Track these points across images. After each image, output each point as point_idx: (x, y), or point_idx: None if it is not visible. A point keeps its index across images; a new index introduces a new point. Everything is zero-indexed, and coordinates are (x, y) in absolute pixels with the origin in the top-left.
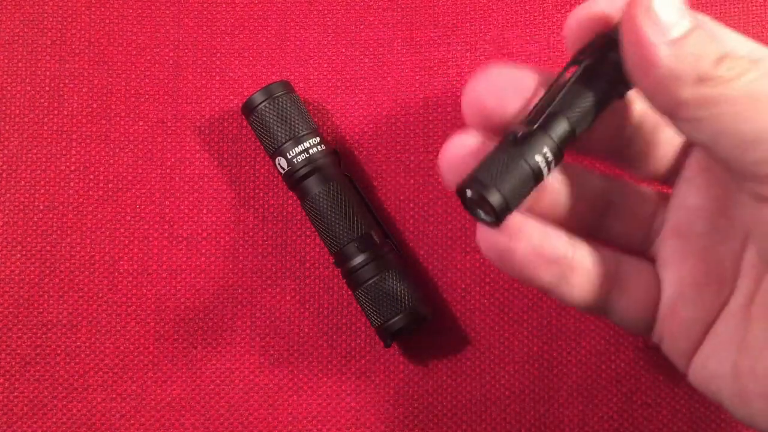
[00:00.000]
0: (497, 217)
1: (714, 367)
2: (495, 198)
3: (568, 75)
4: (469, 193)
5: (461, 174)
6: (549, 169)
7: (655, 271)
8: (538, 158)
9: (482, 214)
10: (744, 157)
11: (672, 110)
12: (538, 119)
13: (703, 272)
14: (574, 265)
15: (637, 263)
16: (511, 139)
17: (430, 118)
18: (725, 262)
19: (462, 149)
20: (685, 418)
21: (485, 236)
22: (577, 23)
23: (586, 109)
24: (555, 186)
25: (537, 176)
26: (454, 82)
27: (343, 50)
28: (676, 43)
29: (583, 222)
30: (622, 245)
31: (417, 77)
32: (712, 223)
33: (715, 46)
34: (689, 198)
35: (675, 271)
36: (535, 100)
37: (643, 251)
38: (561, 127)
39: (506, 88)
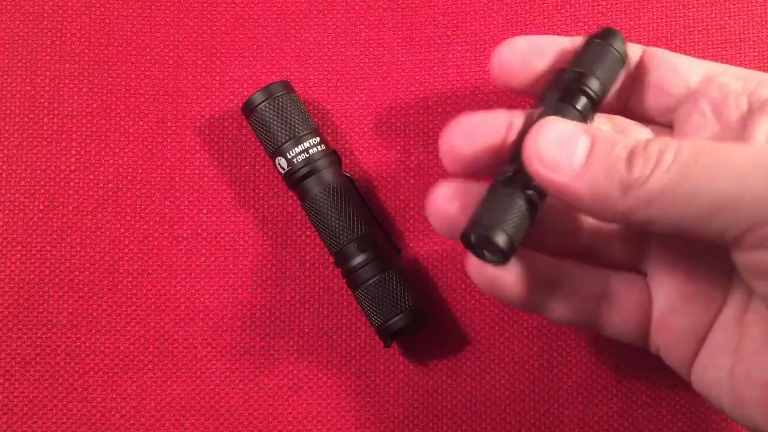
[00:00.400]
0: (505, 256)
1: (711, 374)
2: (501, 238)
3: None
4: (473, 238)
5: (449, 221)
6: (542, 199)
7: (646, 285)
8: (530, 192)
9: (488, 255)
10: (709, 231)
11: (623, 222)
12: (521, 155)
13: (694, 283)
14: (559, 289)
15: (627, 279)
16: (502, 180)
17: (430, 118)
18: (716, 271)
19: (447, 197)
20: (685, 418)
21: (475, 267)
22: (499, 65)
23: None
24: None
25: (533, 209)
26: (454, 82)
27: (343, 50)
28: (585, 173)
29: (571, 246)
30: (613, 261)
31: (417, 77)
32: None
33: (620, 148)
34: None
35: (665, 283)
36: (513, 138)
37: (635, 266)
38: None
39: (478, 134)
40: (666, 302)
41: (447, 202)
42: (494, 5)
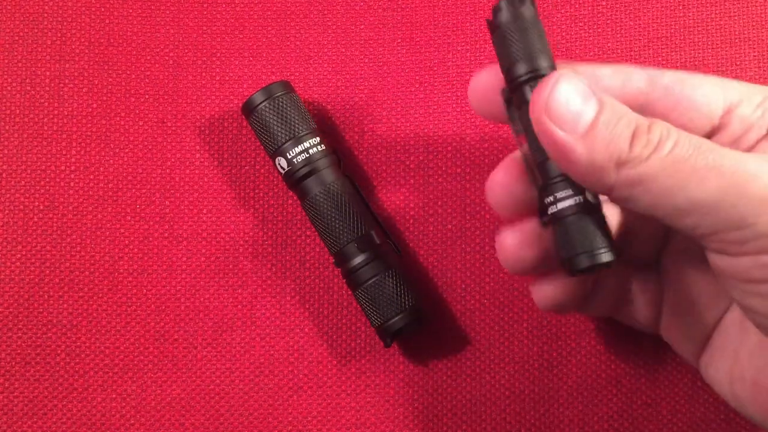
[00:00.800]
0: (612, 264)
1: (713, 373)
2: (607, 256)
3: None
4: (583, 269)
5: (524, 264)
6: (597, 197)
7: (660, 282)
8: (589, 196)
9: (596, 270)
10: (679, 223)
11: (604, 192)
12: (554, 176)
13: (703, 285)
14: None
15: (644, 275)
16: (565, 210)
17: (430, 118)
18: None
19: (517, 244)
20: (685, 418)
21: (540, 295)
22: (473, 102)
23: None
24: None
25: (601, 211)
26: (454, 82)
27: (344, 50)
28: (587, 136)
29: None
30: (634, 257)
31: (417, 77)
32: None
33: (625, 123)
34: None
35: (675, 283)
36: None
37: (653, 263)
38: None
39: (517, 179)
40: (675, 301)
41: (519, 249)
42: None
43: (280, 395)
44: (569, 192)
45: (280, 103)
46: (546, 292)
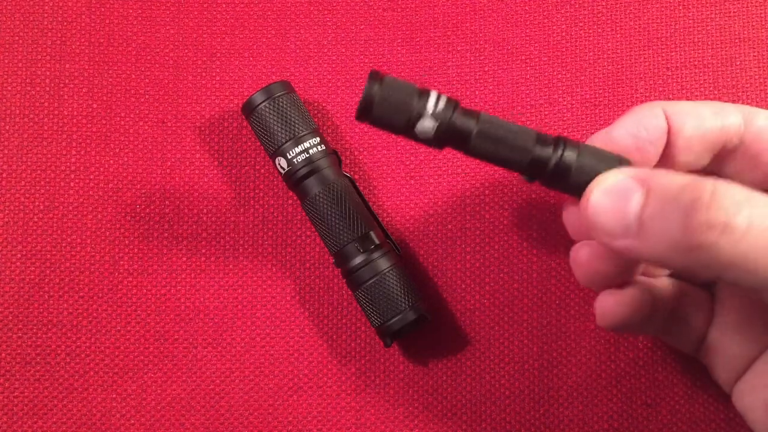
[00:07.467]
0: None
1: (749, 401)
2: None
3: None
4: None
5: (598, 276)
6: None
7: (711, 305)
8: None
9: None
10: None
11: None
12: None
13: (750, 312)
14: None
15: (695, 295)
16: None
17: None
18: None
19: (588, 253)
20: (685, 418)
21: (603, 312)
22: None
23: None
24: None
25: None
26: (454, 83)
27: (344, 50)
28: (640, 235)
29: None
30: (689, 278)
31: (417, 77)
32: None
33: (673, 207)
34: None
35: (725, 308)
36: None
37: (707, 286)
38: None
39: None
40: (723, 324)
41: (594, 261)
42: (494, 5)
43: (280, 395)
44: None
45: (280, 103)
46: (611, 307)
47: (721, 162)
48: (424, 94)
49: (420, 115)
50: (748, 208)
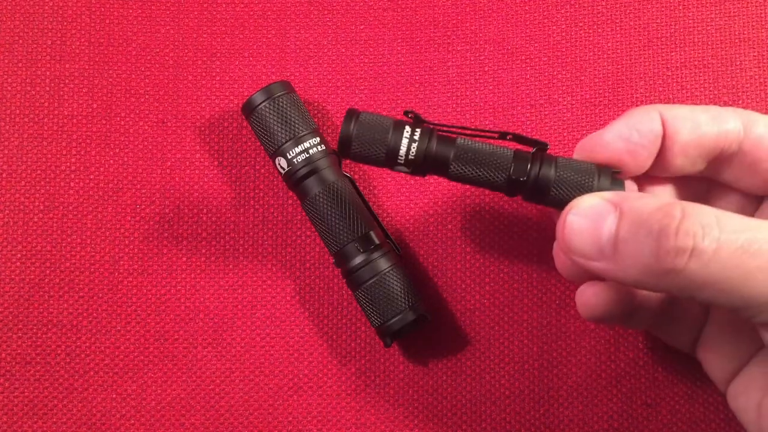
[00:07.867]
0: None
1: (742, 402)
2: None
3: None
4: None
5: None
6: None
7: (705, 306)
8: None
9: None
10: (740, 314)
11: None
12: None
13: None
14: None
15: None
16: None
17: (430, 118)
18: None
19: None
20: (685, 418)
21: (584, 303)
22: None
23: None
24: None
25: None
26: (454, 82)
27: (343, 50)
28: (614, 258)
29: None
30: None
31: (417, 77)
32: None
33: (645, 233)
34: None
35: (718, 310)
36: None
37: None
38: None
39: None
40: (716, 327)
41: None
42: (494, 5)
43: (280, 395)
44: None
45: (280, 103)
46: (590, 299)
47: (719, 167)
48: (398, 128)
49: (397, 149)
50: (716, 231)
